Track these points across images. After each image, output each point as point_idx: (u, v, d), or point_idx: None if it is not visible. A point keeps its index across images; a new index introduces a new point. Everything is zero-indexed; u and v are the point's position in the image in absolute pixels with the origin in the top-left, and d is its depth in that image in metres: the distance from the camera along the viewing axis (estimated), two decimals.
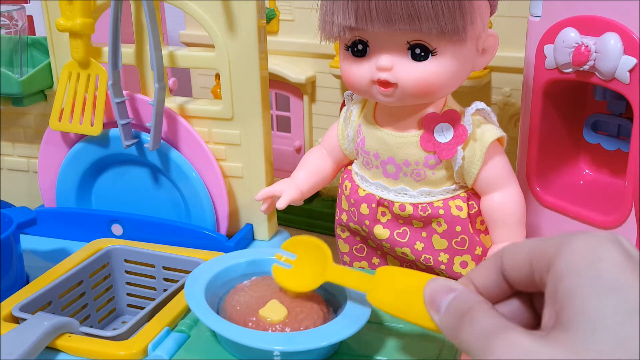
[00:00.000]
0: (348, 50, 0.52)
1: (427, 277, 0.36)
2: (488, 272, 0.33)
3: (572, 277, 0.27)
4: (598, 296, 0.26)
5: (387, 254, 0.58)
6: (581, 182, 0.65)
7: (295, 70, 0.91)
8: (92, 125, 0.65)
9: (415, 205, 0.54)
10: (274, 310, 0.42)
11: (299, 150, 0.96)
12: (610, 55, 0.52)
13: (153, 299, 0.57)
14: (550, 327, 0.28)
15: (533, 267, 0.30)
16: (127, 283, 0.60)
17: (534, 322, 0.33)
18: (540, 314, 0.33)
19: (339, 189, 0.60)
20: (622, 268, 0.27)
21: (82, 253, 0.58)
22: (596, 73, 0.54)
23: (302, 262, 0.46)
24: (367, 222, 0.56)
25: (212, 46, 0.63)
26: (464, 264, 0.55)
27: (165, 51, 0.64)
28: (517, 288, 0.33)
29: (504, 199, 0.54)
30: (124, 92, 0.65)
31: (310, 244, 0.45)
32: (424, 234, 0.55)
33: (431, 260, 0.55)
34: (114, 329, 0.47)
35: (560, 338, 0.26)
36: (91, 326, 0.57)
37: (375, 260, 0.59)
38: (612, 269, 0.27)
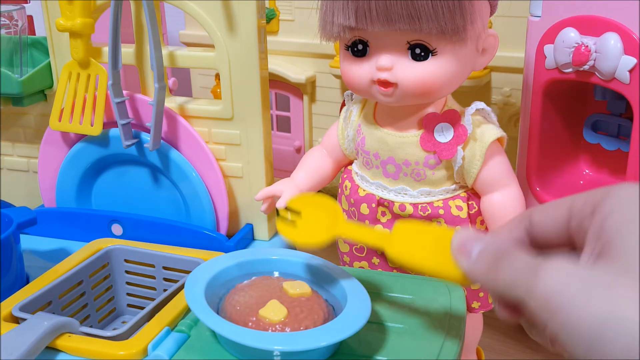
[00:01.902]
0: (348, 50, 0.52)
1: (446, 230, 0.36)
2: (513, 231, 0.33)
3: (620, 214, 0.28)
4: None
5: None
6: (581, 182, 0.65)
7: (295, 70, 0.91)
8: (92, 125, 0.65)
9: (415, 205, 0.54)
10: (274, 310, 0.42)
11: (299, 150, 0.96)
12: (610, 55, 0.52)
13: (153, 299, 0.57)
14: (593, 263, 0.28)
15: (572, 215, 0.30)
16: (127, 283, 0.60)
17: None
18: None
19: (339, 189, 0.60)
20: None
21: (82, 253, 0.58)
22: (596, 73, 0.54)
23: (310, 216, 0.43)
24: (367, 222, 0.56)
25: (212, 46, 0.63)
26: None
27: (165, 51, 0.64)
28: (541, 246, 0.33)
29: (503, 198, 0.54)
30: (124, 92, 0.65)
31: (317, 200, 0.43)
32: None
33: None
34: (114, 329, 0.47)
35: (607, 265, 0.27)
36: (91, 326, 0.57)
37: (375, 260, 0.59)
38: None
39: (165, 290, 0.58)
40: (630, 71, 0.52)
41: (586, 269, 0.27)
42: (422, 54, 0.49)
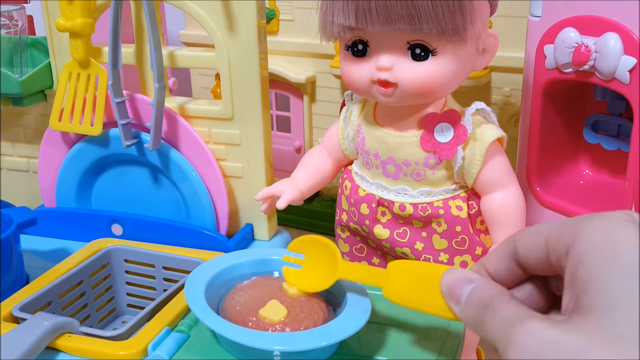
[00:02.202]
0: (348, 50, 0.52)
1: (441, 268, 0.36)
2: (501, 258, 0.33)
3: (591, 260, 0.27)
4: (618, 279, 0.26)
5: (387, 254, 0.58)
6: (581, 182, 0.65)
7: (295, 70, 0.91)
8: (92, 125, 0.65)
9: (415, 205, 0.54)
10: (273, 310, 0.42)
11: (299, 150, 0.96)
12: (610, 55, 0.52)
13: (153, 299, 0.57)
14: (571, 311, 0.28)
15: (549, 250, 0.30)
16: (127, 283, 0.60)
17: (550, 304, 0.33)
18: (556, 294, 0.33)
19: (339, 189, 0.60)
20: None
21: (82, 253, 0.58)
22: (596, 73, 0.54)
23: (311, 261, 0.46)
24: (367, 222, 0.56)
25: (212, 46, 0.63)
26: (464, 264, 0.55)
27: (165, 51, 0.64)
28: (530, 272, 0.33)
29: (503, 199, 0.54)
30: (124, 92, 0.65)
31: (316, 242, 0.45)
32: (424, 234, 0.55)
33: (431, 260, 0.55)
34: (114, 329, 0.47)
35: (581, 323, 0.26)
36: (91, 326, 0.57)
37: (375, 260, 0.59)
38: (630, 251, 0.27)
39: (165, 290, 0.58)
40: (630, 71, 0.52)
41: (559, 332, 0.27)
42: (422, 54, 0.49)
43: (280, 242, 0.69)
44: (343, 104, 0.60)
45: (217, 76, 0.95)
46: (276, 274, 0.49)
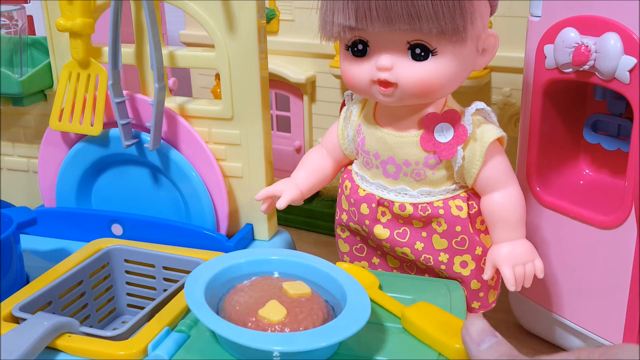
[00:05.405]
0: (348, 50, 0.52)
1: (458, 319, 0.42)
2: None
3: None
4: None
5: (387, 253, 0.58)
6: (581, 182, 0.65)
7: (295, 70, 0.91)
8: (92, 125, 0.65)
9: (415, 205, 0.54)
10: (273, 311, 0.42)
11: (299, 150, 0.96)
12: (610, 55, 0.52)
13: (153, 299, 0.57)
14: None
15: None
16: (127, 283, 0.60)
17: None
18: None
19: (339, 189, 0.60)
20: None
21: (82, 253, 0.58)
22: (596, 73, 0.54)
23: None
24: (367, 222, 0.56)
25: (212, 46, 0.63)
26: (464, 264, 0.55)
27: (165, 51, 0.64)
28: None
29: (503, 199, 0.54)
30: (124, 92, 0.65)
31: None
32: (424, 234, 0.55)
33: (431, 260, 0.55)
34: (114, 329, 0.47)
35: None
36: (91, 326, 0.57)
37: (375, 260, 0.59)
38: None
39: (165, 290, 0.58)
40: (630, 71, 0.52)
41: None
42: (422, 54, 0.49)
43: (280, 242, 0.69)
44: (343, 104, 0.60)
45: (217, 76, 0.95)
46: (276, 274, 0.49)
